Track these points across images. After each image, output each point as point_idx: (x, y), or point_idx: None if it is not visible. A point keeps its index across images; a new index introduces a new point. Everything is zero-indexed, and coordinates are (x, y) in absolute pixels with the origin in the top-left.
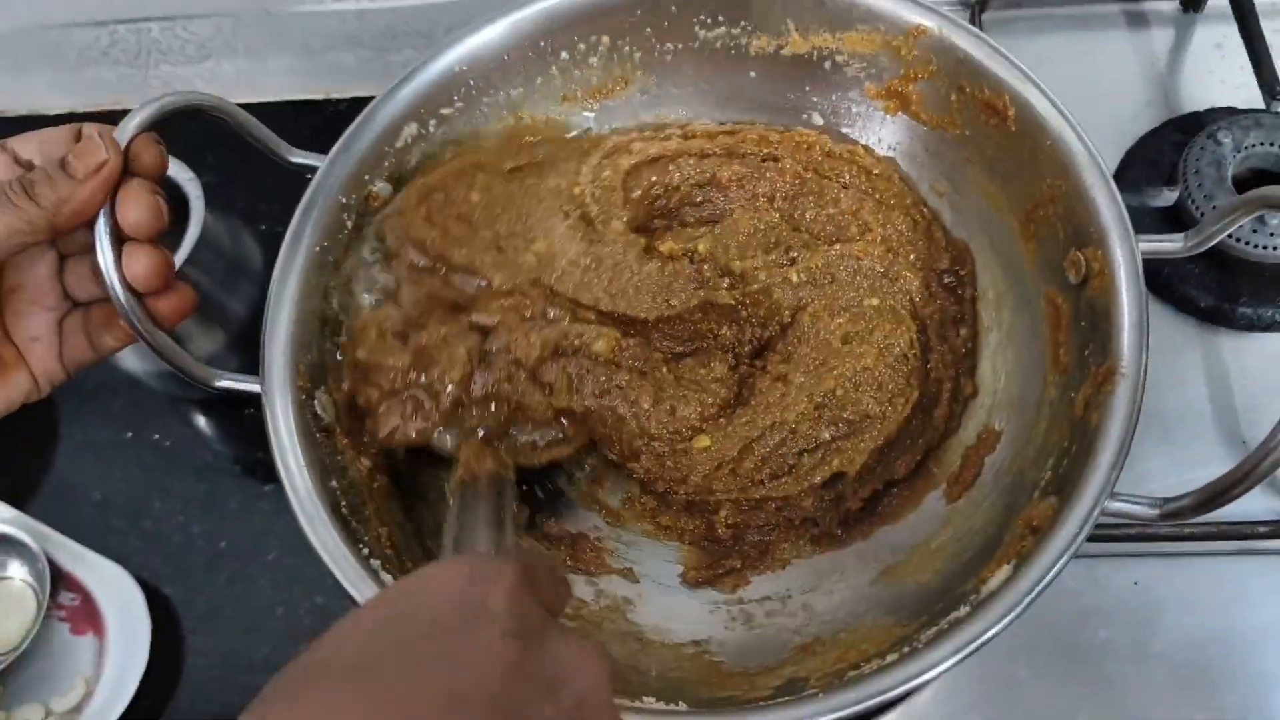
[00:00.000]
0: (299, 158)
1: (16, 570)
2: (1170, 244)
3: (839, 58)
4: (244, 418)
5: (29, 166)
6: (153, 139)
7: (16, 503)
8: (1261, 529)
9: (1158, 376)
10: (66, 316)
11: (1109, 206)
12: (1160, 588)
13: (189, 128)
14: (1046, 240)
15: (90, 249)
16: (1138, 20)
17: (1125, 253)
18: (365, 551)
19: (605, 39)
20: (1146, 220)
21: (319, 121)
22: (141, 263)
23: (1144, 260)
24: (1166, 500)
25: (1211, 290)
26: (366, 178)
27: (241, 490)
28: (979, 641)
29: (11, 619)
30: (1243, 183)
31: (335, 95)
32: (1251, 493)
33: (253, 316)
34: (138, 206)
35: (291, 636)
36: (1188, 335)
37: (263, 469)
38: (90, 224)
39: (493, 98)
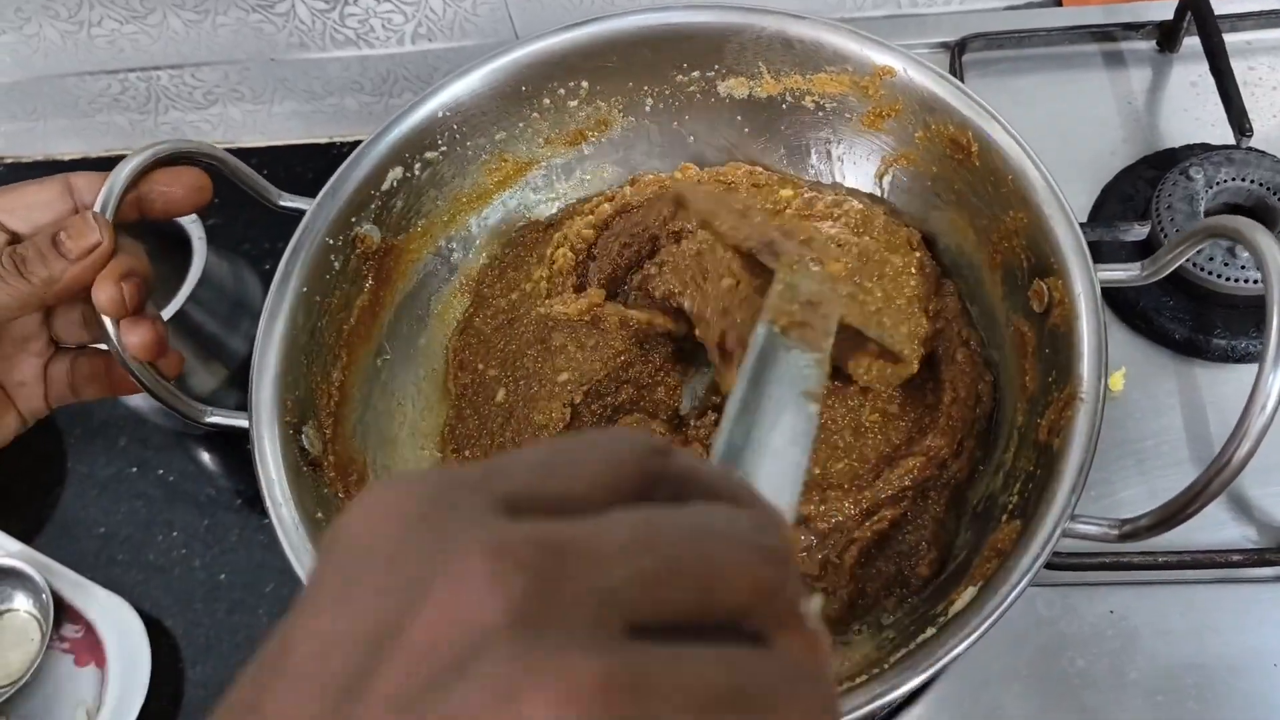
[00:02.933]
0: (288, 201)
1: (21, 602)
2: (1127, 272)
3: (809, 99)
4: (245, 453)
5: (14, 235)
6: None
7: (24, 536)
8: (1235, 557)
9: (1135, 407)
10: (51, 360)
11: (1068, 237)
12: (1136, 616)
13: None
14: (1012, 271)
15: (78, 298)
16: (1115, 60)
17: (1084, 282)
18: None
19: (585, 84)
20: (1121, 254)
21: (323, 164)
22: (138, 335)
23: (1114, 291)
24: (1124, 521)
25: (1187, 323)
26: (353, 220)
27: (241, 523)
28: (942, 662)
29: (15, 650)
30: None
31: (338, 139)
32: (1225, 521)
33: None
34: (102, 291)
35: None
36: (1164, 367)
37: (261, 503)
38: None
39: (476, 141)
